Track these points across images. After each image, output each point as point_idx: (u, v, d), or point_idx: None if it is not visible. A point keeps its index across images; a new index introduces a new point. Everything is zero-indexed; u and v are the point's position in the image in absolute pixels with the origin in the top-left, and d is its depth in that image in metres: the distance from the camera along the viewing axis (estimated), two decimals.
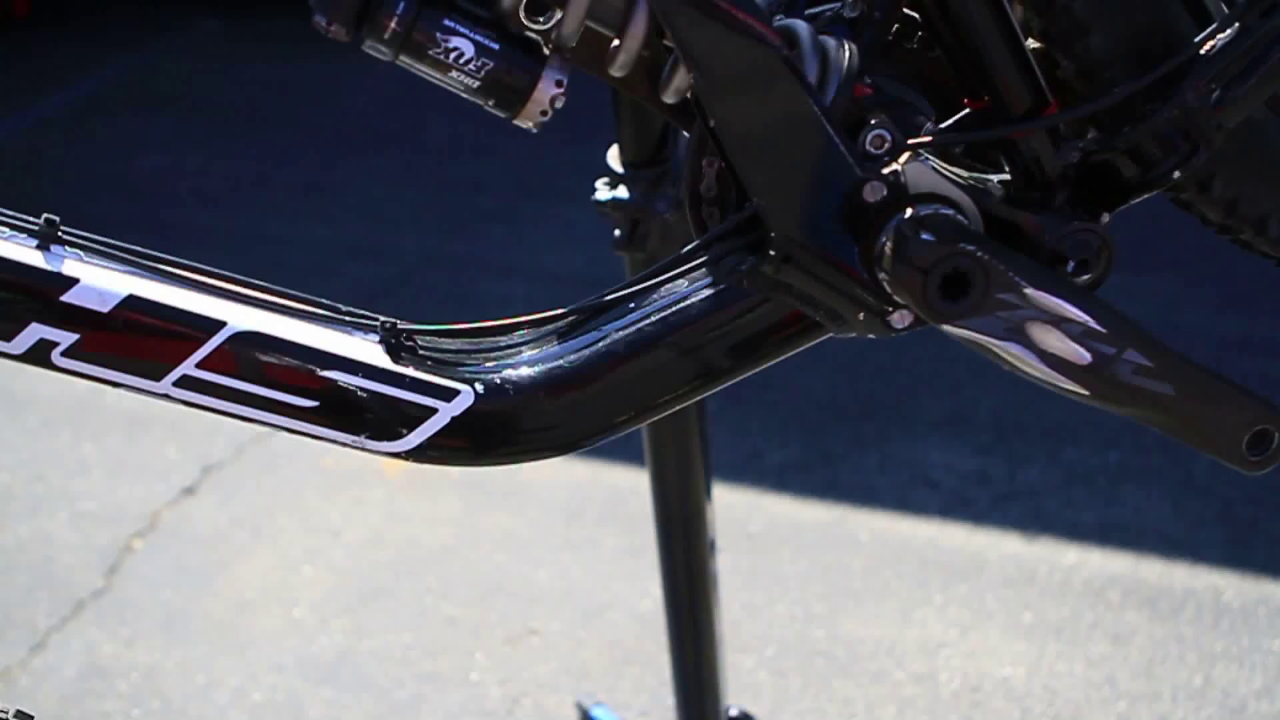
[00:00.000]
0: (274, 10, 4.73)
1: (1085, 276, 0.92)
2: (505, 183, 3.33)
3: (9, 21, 4.88)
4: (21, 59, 4.72)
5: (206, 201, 3.67)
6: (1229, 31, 0.90)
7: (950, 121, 0.94)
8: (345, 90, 4.06)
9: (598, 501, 2.76)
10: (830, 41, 0.89)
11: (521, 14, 0.85)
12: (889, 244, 0.86)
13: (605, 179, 1.41)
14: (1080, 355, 0.89)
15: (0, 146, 4.06)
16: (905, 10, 0.95)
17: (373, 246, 3.37)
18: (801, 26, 0.88)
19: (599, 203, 1.40)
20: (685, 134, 0.96)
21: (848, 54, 0.88)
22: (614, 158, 1.41)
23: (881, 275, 0.87)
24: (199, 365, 0.86)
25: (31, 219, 0.88)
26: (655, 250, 1.39)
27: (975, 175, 0.93)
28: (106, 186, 3.74)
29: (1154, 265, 3.11)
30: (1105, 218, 0.92)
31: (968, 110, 0.94)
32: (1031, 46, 0.94)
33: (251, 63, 4.61)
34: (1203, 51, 0.90)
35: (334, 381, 0.86)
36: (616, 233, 1.40)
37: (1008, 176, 0.94)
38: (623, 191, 1.39)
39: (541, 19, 0.88)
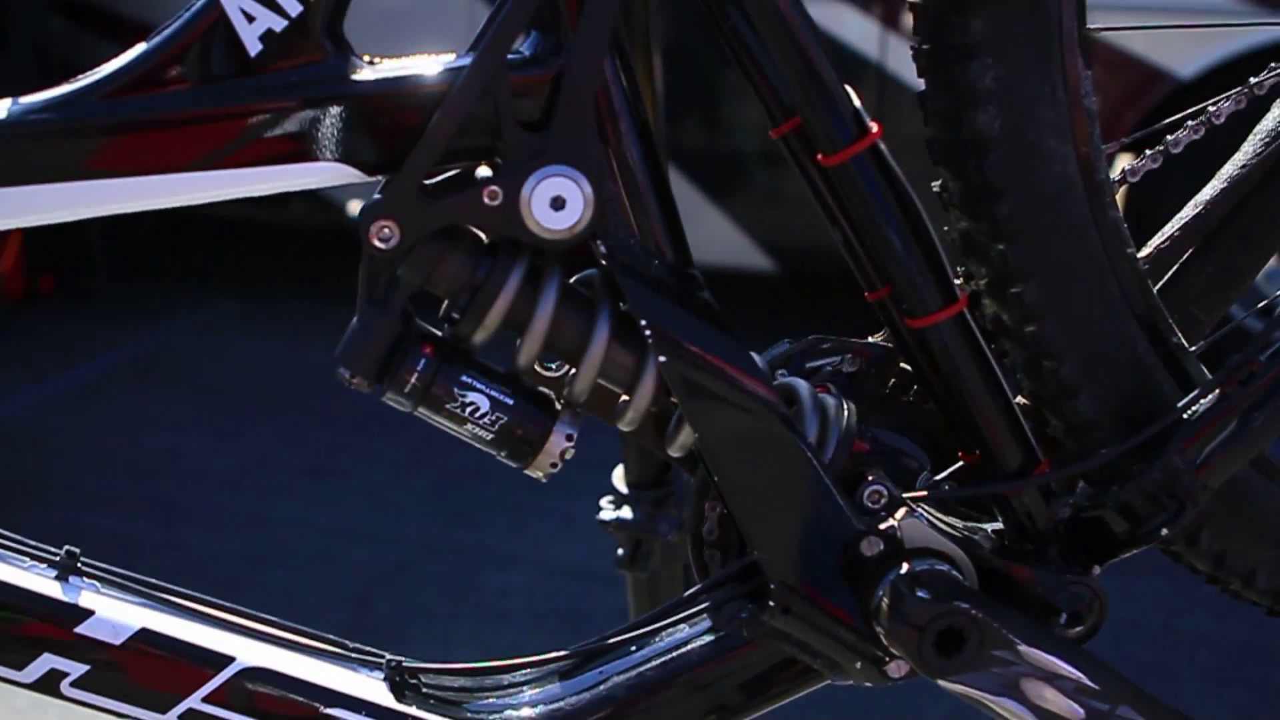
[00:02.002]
0: (290, 293, 4.87)
1: (1078, 628, 0.94)
2: (508, 472, 3.35)
3: (33, 296, 5.01)
4: (40, 333, 4.83)
5: (211, 482, 3.70)
6: (1210, 397, 0.95)
7: (944, 474, 0.98)
8: None
9: None
10: (830, 400, 0.93)
11: (537, 366, 0.90)
12: (886, 599, 0.88)
13: (610, 498, 1.45)
14: (1074, 711, 0.90)
15: (12, 420, 4.11)
16: (901, 365, 1.00)
17: (374, 533, 3.39)
18: (802, 386, 0.93)
19: (603, 522, 1.43)
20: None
21: (846, 413, 0.92)
22: (618, 478, 1.45)
23: (878, 628, 0.89)
24: (205, 699, 0.88)
25: (53, 550, 0.91)
26: (657, 571, 1.41)
27: (969, 525, 0.96)
28: (113, 464, 3.78)
29: (1152, 569, 3.11)
30: (1096, 570, 0.95)
31: (961, 464, 0.98)
32: (1021, 403, 0.98)
33: (264, 344, 4.71)
34: (1186, 415, 0.95)
35: None
36: (620, 552, 1.42)
37: (1001, 526, 0.97)
38: (626, 512, 1.42)
39: (554, 366, 0.93)
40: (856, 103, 0.87)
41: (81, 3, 4.62)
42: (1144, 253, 1.03)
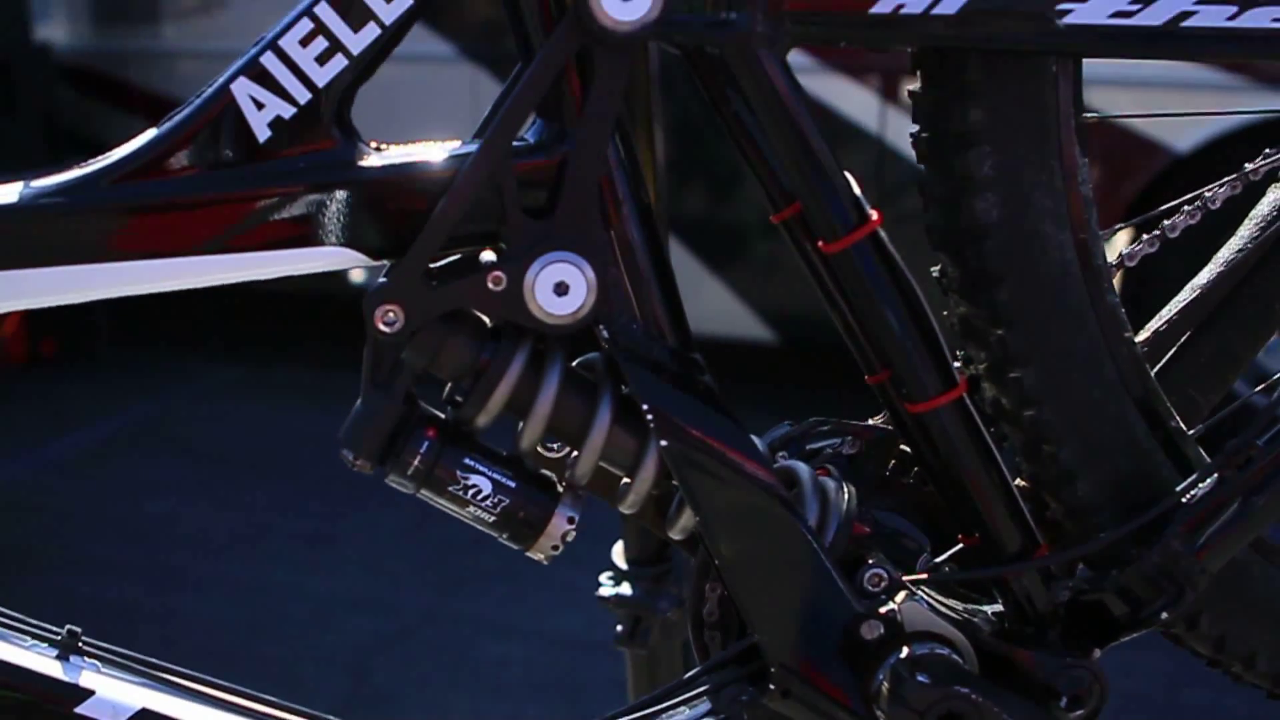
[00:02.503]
0: (291, 361, 4.88)
1: (1079, 712, 0.94)
2: None
3: (35, 361, 5.02)
4: (42, 398, 4.84)
5: (210, 549, 3.69)
6: (1209, 481, 0.95)
7: (944, 557, 0.98)
8: None
9: None
10: (830, 483, 0.93)
11: (539, 448, 0.90)
12: (886, 683, 0.88)
13: (609, 573, 1.45)
14: None
15: (12, 484, 4.11)
16: (901, 447, 1.00)
17: (373, 601, 3.38)
18: (802, 469, 0.93)
19: (602, 598, 1.42)
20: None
21: (846, 496, 0.93)
22: (618, 554, 1.45)
23: (879, 712, 0.89)
24: None
25: (54, 629, 0.91)
26: (656, 647, 1.41)
27: (969, 608, 0.96)
28: (111, 530, 3.77)
29: (1154, 642, 3.10)
30: (1097, 653, 0.95)
31: (961, 546, 0.98)
32: (1021, 486, 0.98)
33: (264, 411, 4.72)
34: (1185, 499, 0.95)
35: None
36: (619, 628, 1.42)
37: (1001, 609, 0.97)
38: (626, 588, 1.42)
39: (555, 446, 0.93)
40: (856, 190, 0.88)
41: (89, 71, 4.67)
42: (1142, 336, 1.04)
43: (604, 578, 1.44)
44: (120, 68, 4.58)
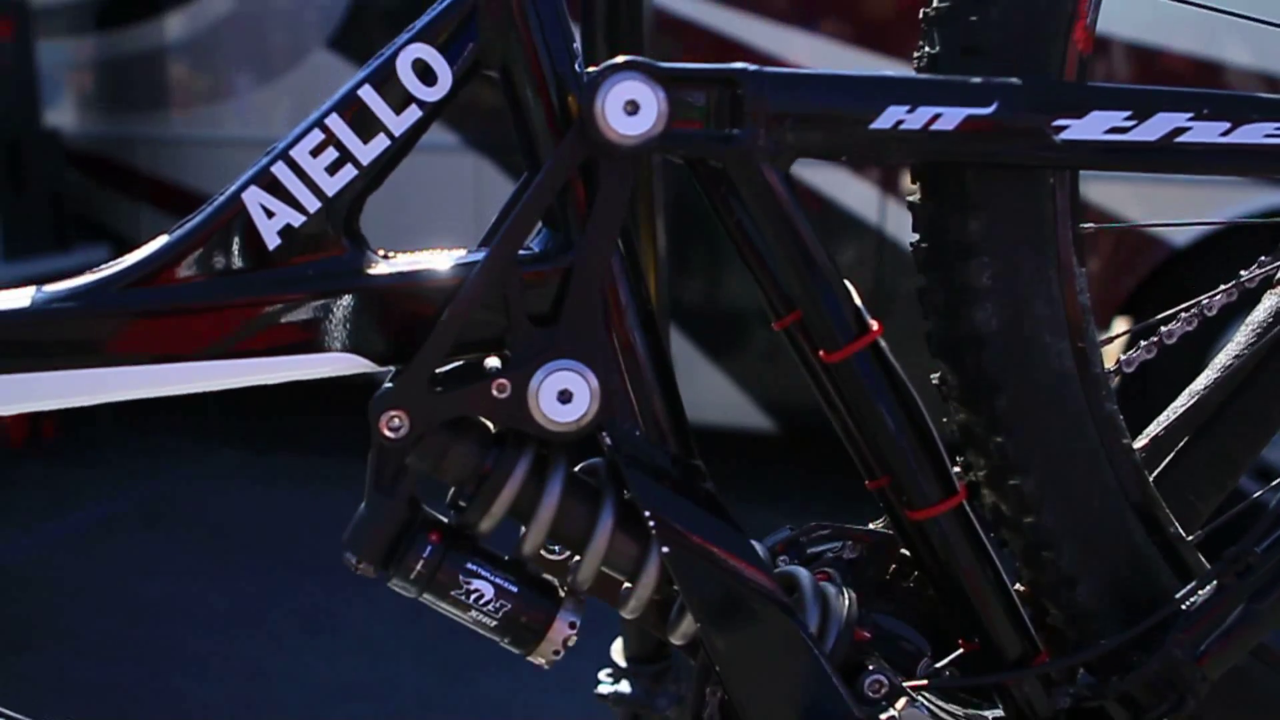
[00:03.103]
0: (292, 445, 4.88)
1: None
2: None
3: (36, 442, 5.02)
4: (42, 480, 4.83)
5: (206, 629, 3.67)
6: (1209, 588, 0.95)
7: (945, 662, 0.98)
8: None
9: None
10: (830, 589, 0.94)
11: (541, 551, 0.91)
12: None
13: (608, 671, 1.44)
14: None
15: (13, 563, 4.10)
16: (901, 551, 1.01)
17: (369, 686, 3.35)
18: (803, 574, 0.93)
19: (601, 696, 1.42)
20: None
21: (847, 602, 0.93)
22: (617, 651, 1.45)
23: None
24: None
25: None
26: None
27: (970, 713, 0.96)
28: (108, 608, 3.75)
29: None
30: None
31: (961, 651, 0.98)
32: (1021, 592, 0.99)
33: (265, 494, 4.71)
34: (1185, 606, 0.95)
35: None
36: None
37: (1001, 714, 0.97)
38: (625, 686, 1.42)
39: (557, 549, 0.93)
40: (857, 300, 0.89)
41: (97, 156, 4.72)
42: (1140, 443, 1.05)
43: (603, 674, 1.43)
44: (127, 153, 4.63)
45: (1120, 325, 3.62)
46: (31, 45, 4.49)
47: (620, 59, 0.84)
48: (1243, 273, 1.07)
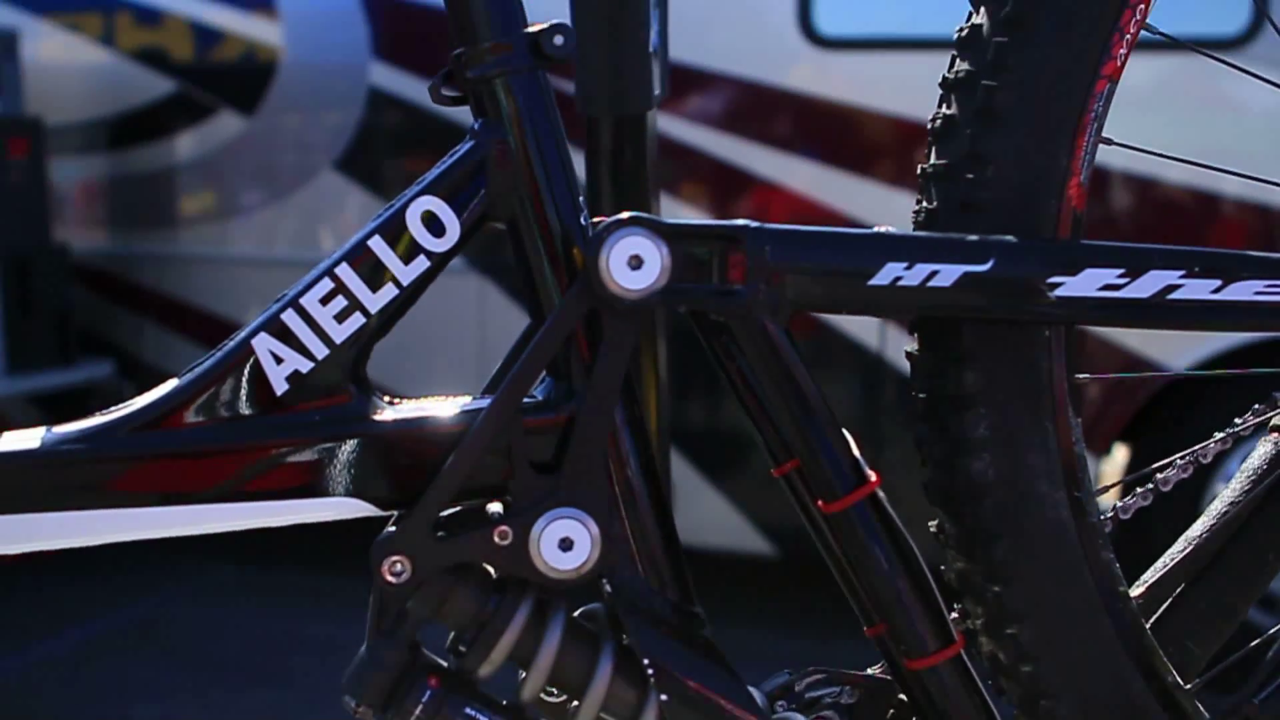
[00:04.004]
0: (288, 563, 4.85)
1: None
2: None
3: (29, 558, 4.98)
4: (35, 594, 4.80)
5: None
6: None
7: None
8: (352, 649, 4.10)
9: None
10: None
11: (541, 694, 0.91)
12: None
13: None
14: None
15: (1, 683, 4.06)
16: (899, 698, 1.01)
17: None
18: None
19: None
20: None
21: None
22: None
23: None
24: None
25: None
26: None
27: None
28: None
29: None
30: None
31: None
32: None
33: (258, 613, 4.67)
34: None
35: None
36: None
37: None
38: None
39: (555, 692, 0.93)
40: (856, 451, 0.90)
41: (104, 272, 4.76)
42: (1136, 591, 1.05)
43: None
44: (134, 269, 4.68)
45: (1120, 452, 3.63)
46: (44, 163, 4.55)
47: (625, 215, 0.86)
48: (1237, 420, 1.08)
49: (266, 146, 4.41)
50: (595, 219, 0.90)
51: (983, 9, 0.93)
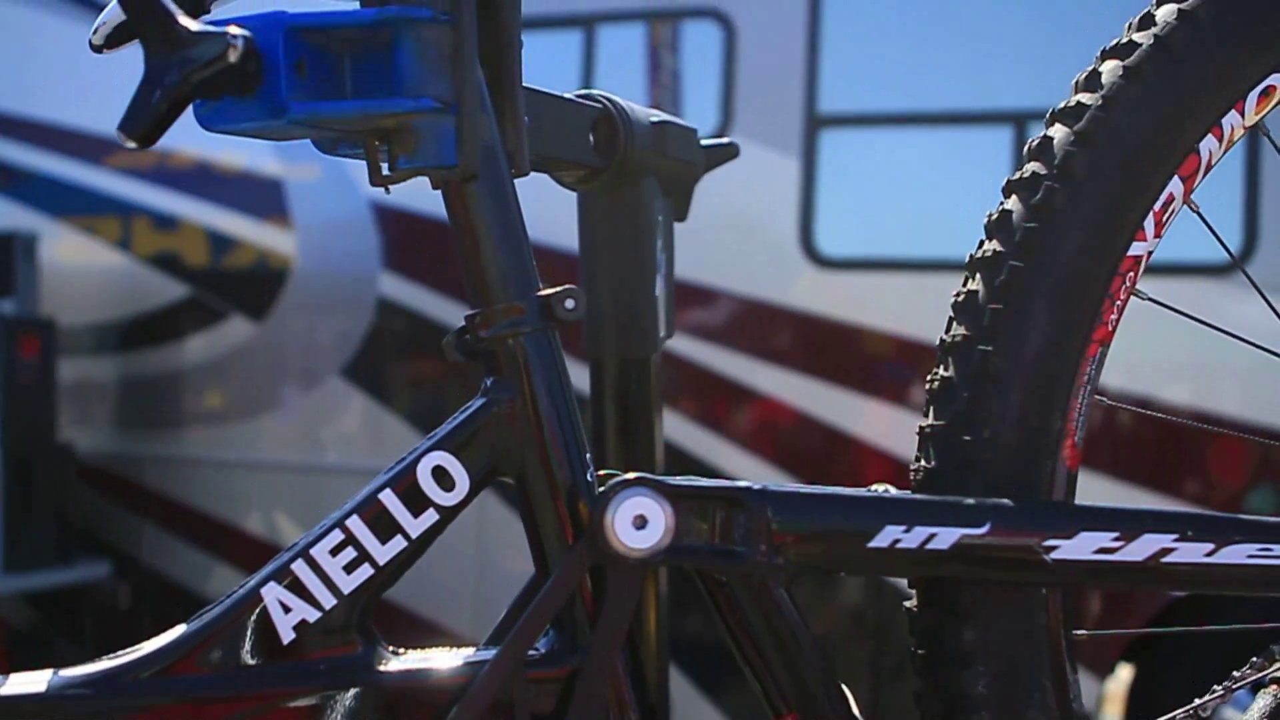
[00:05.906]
0: None
1: None
2: None
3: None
4: None
5: None
6: None
7: None
8: None
9: None
10: None
11: None
12: None
13: None
14: None
15: None
16: None
17: None
18: None
19: None
20: None
21: None
22: None
23: None
24: None
25: None
26: None
27: None
28: None
29: None
30: None
31: None
32: None
33: None
34: None
35: None
36: None
37: None
38: None
39: None
40: (854, 708, 0.91)
41: (106, 472, 4.77)
42: None
43: None
44: (135, 470, 4.68)
45: (1124, 671, 3.58)
46: (54, 363, 4.60)
47: (631, 475, 0.88)
48: (1235, 673, 1.09)
49: (275, 352, 4.46)
50: (600, 471, 0.92)
51: (978, 275, 0.97)
